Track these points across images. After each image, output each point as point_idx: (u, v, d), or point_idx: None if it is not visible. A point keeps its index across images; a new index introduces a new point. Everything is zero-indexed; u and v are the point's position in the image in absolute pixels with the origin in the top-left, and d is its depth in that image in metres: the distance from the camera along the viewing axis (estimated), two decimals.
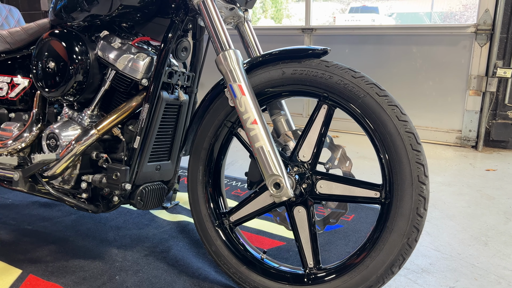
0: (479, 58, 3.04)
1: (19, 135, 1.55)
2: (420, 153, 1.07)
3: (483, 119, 3.08)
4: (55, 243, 1.65)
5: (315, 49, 1.19)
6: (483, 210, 2.02)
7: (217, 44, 1.21)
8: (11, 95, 1.64)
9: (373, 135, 1.13)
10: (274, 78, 1.22)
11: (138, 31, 1.47)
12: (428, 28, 3.27)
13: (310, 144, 1.21)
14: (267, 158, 1.14)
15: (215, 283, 1.38)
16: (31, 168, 1.37)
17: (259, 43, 1.49)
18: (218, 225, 1.35)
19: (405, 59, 3.32)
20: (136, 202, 1.39)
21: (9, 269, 1.47)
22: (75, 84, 1.39)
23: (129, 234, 1.73)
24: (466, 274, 1.46)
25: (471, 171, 2.63)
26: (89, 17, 1.40)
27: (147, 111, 1.33)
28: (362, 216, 1.91)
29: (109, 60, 1.39)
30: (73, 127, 1.44)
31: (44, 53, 1.43)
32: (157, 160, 1.44)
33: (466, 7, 12.73)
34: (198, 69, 1.52)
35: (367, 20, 11.94)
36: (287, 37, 3.78)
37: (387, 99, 1.10)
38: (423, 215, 1.07)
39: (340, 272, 1.17)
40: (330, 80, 1.14)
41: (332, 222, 1.28)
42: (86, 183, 1.42)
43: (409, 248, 1.08)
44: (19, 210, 1.97)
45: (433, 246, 1.66)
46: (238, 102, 1.16)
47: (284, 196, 1.13)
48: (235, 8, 1.40)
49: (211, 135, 1.34)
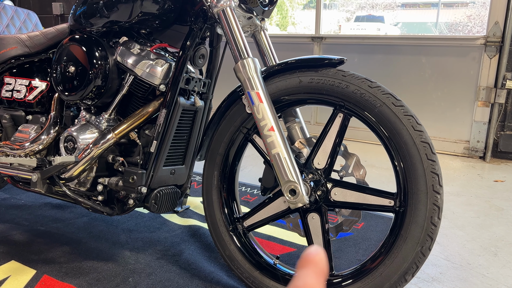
0: (488, 69, 3.05)
1: (36, 137, 1.58)
2: (435, 162, 1.09)
3: (491, 130, 3.09)
4: (68, 244, 1.67)
5: (331, 58, 1.21)
6: (492, 221, 2.02)
7: (236, 52, 1.24)
8: (29, 98, 1.67)
9: (388, 144, 1.14)
10: (290, 86, 1.25)
11: (156, 37, 1.50)
12: (437, 39, 3.30)
13: (325, 151, 1.23)
14: (283, 165, 1.16)
15: (227, 287, 1.40)
16: (50, 169, 1.40)
17: (274, 52, 1.52)
18: (232, 230, 1.37)
19: (414, 69, 3.34)
20: (151, 205, 1.41)
21: (23, 269, 1.49)
22: (94, 88, 1.42)
23: (141, 237, 1.75)
24: (477, 284, 1.47)
25: (479, 181, 2.64)
26: (108, 23, 1.43)
27: (164, 116, 1.36)
28: (372, 224, 1.92)
29: (127, 66, 1.42)
30: (90, 130, 1.47)
31: (65, 58, 1.46)
32: (172, 164, 1.47)
33: (470, 18, 12.75)
34: (214, 76, 1.55)
35: (373, 29, 11.98)
36: (296, 45, 3.81)
37: (403, 109, 1.12)
38: (437, 224, 1.09)
39: (353, 279, 1.18)
40: (346, 90, 1.16)
41: (345, 229, 1.29)
42: (102, 185, 1.44)
43: (422, 257, 1.10)
44: (31, 211, 1.99)
45: (443, 255, 1.67)
46: (255, 109, 1.18)
47: (300, 202, 1.15)
48: (252, 17, 1.43)
49: (226, 140, 1.36)
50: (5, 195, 2.19)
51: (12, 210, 2.00)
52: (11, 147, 1.62)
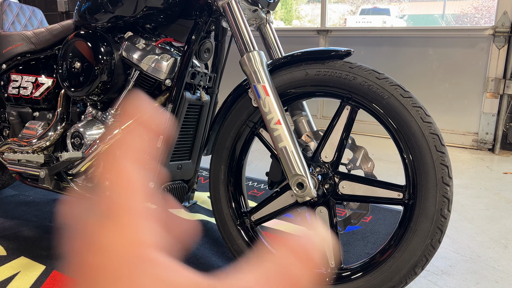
0: (496, 60, 3.01)
1: (43, 133, 1.58)
2: (444, 154, 1.08)
3: (500, 122, 3.05)
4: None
5: (338, 50, 1.20)
6: (502, 213, 2.00)
7: (241, 45, 1.23)
8: (36, 95, 1.68)
9: (397, 136, 1.13)
10: (297, 79, 1.23)
11: (161, 32, 1.50)
12: (445, 30, 3.25)
13: (333, 145, 1.22)
14: (290, 158, 1.15)
15: None
16: (58, 165, 1.40)
17: (280, 45, 1.50)
18: (239, 224, 1.37)
19: (421, 61, 3.30)
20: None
21: (33, 265, 1.50)
22: (100, 84, 1.41)
23: None
24: (487, 277, 1.45)
25: (488, 174, 2.61)
26: (113, 19, 1.43)
27: (171, 111, 1.35)
28: (380, 217, 1.91)
29: (133, 61, 1.41)
30: (97, 126, 1.47)
31: (70, 54, 1.46)
32: (178, 159, 1.46)
33: (477, 9, 12.64)
34: (219, 70, 1.54)
35: (378, 22, 11.89)
36: (302, 39, 3.79)
37: (411, 100, 1.10)
38: (446, 216, 1.08)
39: (363, 272, 1.17)
40: (354, 81, 1.15)
41: (353, 222, 1.28)
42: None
43: (432, 249, 1.09)
44: (40, 207, 2.00)
45: (452, 248, 1.65)
46: (262, 102, 1.18)
47: (308, 196, 1.14)
48: (258, 10, 1.41)
49: (233, 135, 1.35)
50: (14, 192, 2.21)
51: (21, 207, 2.01)
52: (19, 143, 1.62)
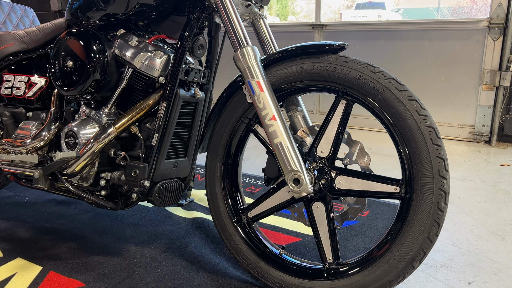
0: (492, 52, 3.01)
1: (37, 133, 1.57)
2: (440, 147, 1.07)
3: (496, 114, 3.06)
4: (74, 240, 1.67)
5: (332, 44, 1.18)
6: (499, 205, 2.00)
7: (235, 41, 1.22)
8: (29, 94, 1.66)
9: (392, 130, 1.12)
10: (291, 74, 1.22)
11: (154, 29, 1.48)
12: (440, 23, 3.25)
13: (328, 139, 1.21)
14: (286, 154, 1.14)
15: (233, 278, 1.39)
16: (52, 166, 1.39)
17: (274, 40, 1.49)
18: (236, 221, 1.36)
19: (416, 55, 3.30)
20: (154, 199, 1.40)
21: (30, 266, 1.49)
22: (93, 82, 1.40)
23: (145, 231, 1.74)
24: (485, 269, 1.45)
25: (485, 166, 2.62)
26: (105, 16, 1.41)
27: (165, 108, 1.34)
28: (377, 212, 1.91)
29: (126, 59, 1.40)
30: (91, 125, 1.45)
31: (62, 52, 1.44)
32: (174, 157, 1.45)
33: (473, 1, 12.59)
34: (213, 67, 1.52)
35: (374, 16, 11.87)
36: (297, 34, 3.77)
37: (406, 93, 1.10)
38: (443, 209, 1.07)
39: (360, 267, 1.17)
40: (348, 75, 1.14)
41: (350, 217, 1.28)
42: (104, 180, 1.43)
43: (430, 243, 1.08)
44: (36, 208, 1.99)
45: (450, 241, 1.65)
46: (256, 98, 1.17)
47: (304, 191, 1.13)
48: (251, 5, 1.40)
49: (228, 131, 1.34)
50: (9, 192, 2.19)
51: (16, 208, 2.00)
52: (13, 144, 1.61)
